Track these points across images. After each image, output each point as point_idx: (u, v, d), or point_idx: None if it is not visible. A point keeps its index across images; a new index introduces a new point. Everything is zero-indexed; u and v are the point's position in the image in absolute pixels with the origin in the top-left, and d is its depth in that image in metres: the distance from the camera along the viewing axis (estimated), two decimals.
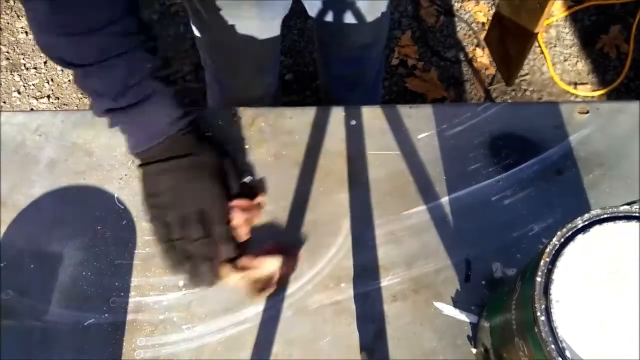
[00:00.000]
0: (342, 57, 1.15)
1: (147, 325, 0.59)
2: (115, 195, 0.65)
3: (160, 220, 0.60)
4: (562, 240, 0.39)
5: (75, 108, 1.64)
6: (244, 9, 0.84)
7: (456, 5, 1.78)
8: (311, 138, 0.68)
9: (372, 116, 0.69)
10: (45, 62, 1.71)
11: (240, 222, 0.61)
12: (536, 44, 1.71)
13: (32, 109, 1.63)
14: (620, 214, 0.39)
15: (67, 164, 0.67)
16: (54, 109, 1.63)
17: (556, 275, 0.37)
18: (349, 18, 0.98)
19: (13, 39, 1.75)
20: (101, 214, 0.64)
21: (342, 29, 1.02)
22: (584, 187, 0.64)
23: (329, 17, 1.00)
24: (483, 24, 1.74)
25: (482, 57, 1.69)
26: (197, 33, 0.96)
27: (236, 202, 0.61)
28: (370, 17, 0.98)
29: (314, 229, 0.63)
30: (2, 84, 1.68)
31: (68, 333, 0.58)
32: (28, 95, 1.67)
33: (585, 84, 1.66)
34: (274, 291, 0.60)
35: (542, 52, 1.70)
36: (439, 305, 0.59)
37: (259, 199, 0.64)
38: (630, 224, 0.38)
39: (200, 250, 0.58)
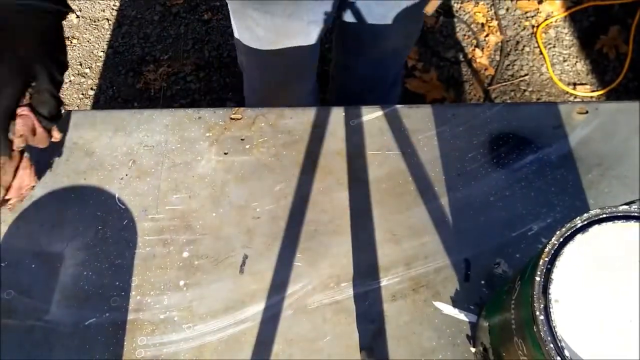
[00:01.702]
0: (369, 61, 1.13)
1: (147, 324, 0.59)
2: (116, 196, 0.65)
3: None
4: (561, 240, 0.39)
5: (76, 108, 1.64)
6: (297, 9, 0.84)
7: (455, 6, 1.78)
8: (311, 138, 0.69)
9: (372, 116, 0.70)
10: None
11: (19, 133, 0.54)
12: (535, 44, 1.71)
13: None
14: (619, 214, 0.39)
15: (67, 164, 0.67)
16: None
17: (555, 274, 0.38)
18: (386, 23, 0.97)
19: None
20: (102, 214, 0.64)
21: (377, 34, 1.00)
22: (583, 187, 0.65)
23: (363, 22, 0.98)
24: (482, 24, 1.75)
25: (482, 57, 1.69)
26: (241, 38, 0.95)
27: (26, 112, 0.54)
28: (406, 23, 0.97)
29: (314, 228, 0.63)
30: None
31: (69, 332, 0.58)
32: None
33: (585, 84, 1.66)
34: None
35: (541, 53, 1.70)
36: (438, 304, 0.59)
37: (55, 133, 0.59)
38: (629, 224, 0.39)
39: None
